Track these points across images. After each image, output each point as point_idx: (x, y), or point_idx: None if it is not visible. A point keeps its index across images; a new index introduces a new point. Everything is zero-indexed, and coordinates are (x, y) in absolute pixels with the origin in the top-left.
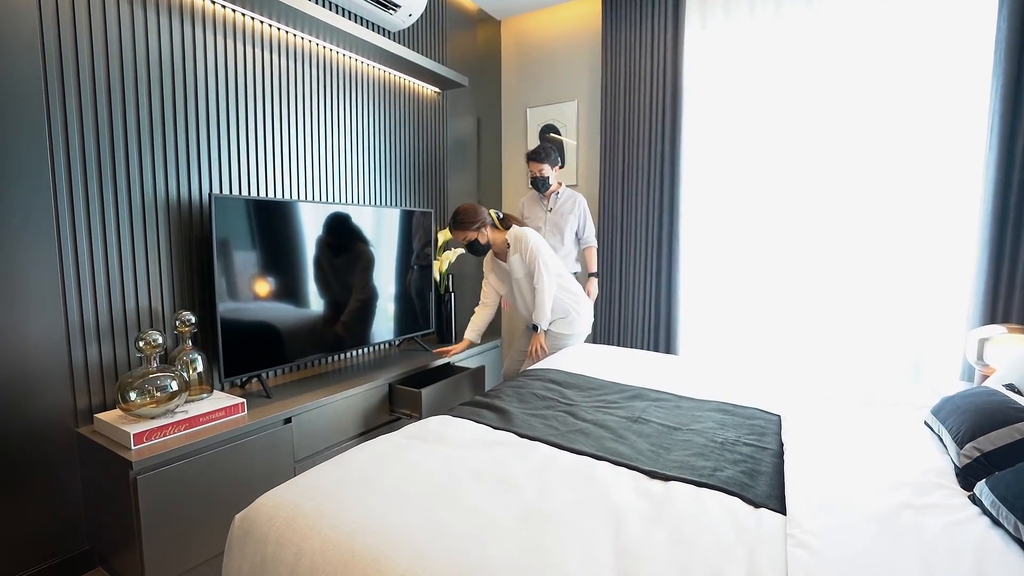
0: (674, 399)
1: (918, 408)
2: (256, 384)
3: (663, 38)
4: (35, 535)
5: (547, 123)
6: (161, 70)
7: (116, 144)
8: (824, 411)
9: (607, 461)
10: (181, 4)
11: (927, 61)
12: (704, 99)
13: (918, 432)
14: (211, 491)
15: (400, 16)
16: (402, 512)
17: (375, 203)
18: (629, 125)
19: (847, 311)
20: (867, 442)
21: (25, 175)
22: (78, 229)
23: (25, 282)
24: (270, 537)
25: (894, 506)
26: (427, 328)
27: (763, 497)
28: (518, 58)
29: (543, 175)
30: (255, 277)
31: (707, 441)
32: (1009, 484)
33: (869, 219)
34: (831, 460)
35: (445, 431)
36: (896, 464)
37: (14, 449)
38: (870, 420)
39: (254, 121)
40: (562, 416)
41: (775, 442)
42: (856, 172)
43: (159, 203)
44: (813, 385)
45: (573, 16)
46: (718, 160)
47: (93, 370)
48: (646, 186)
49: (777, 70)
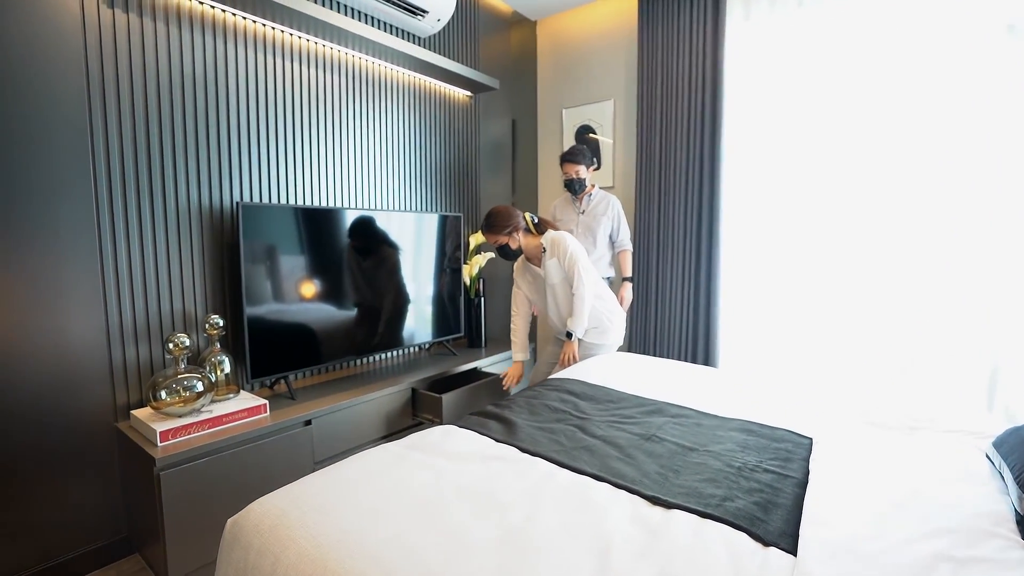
0: (696, 416)
1: (981, 437)
2: (283, 385)
3: (702, 31)
4: (80, 521)
5: (583, 123)
6: (195, 85)
7: (152, 157)
8: (864, 436)
9: (607, 483)
10: (214, 20)
11: (996, 53)
12: (747, 95)
13: (976, 467)
14: (231, 489)
15: (428, 21)
16: (380, 528)
17: (405, 208)
18: (667, 123)
19: (908, 321)
20: (910, 476)
21: (69, 188)
22: (117, 237)
23: (70, 287)
24: (253, 545)
25: (929, 557)
26: (457, 332)
27: (775, 534)
28: (554, 58)
29: (579, 176)
30: (281, 281)
31: (723, 465)
32: None
33: (938, 216)
34: (862, 495)
35: (445, 442)
36: (941, 505)
37: (61, 441)
38: (918, 449)
39: (285, 131)
40: (571, 431)
41: (801, 470)
42: (919, 169)
43: (192, 212)
44: (857, 405)
45: (609, 12)
46: (762, 160)
47: (131, 369)
48: (684, 187)
49: (828, 63)
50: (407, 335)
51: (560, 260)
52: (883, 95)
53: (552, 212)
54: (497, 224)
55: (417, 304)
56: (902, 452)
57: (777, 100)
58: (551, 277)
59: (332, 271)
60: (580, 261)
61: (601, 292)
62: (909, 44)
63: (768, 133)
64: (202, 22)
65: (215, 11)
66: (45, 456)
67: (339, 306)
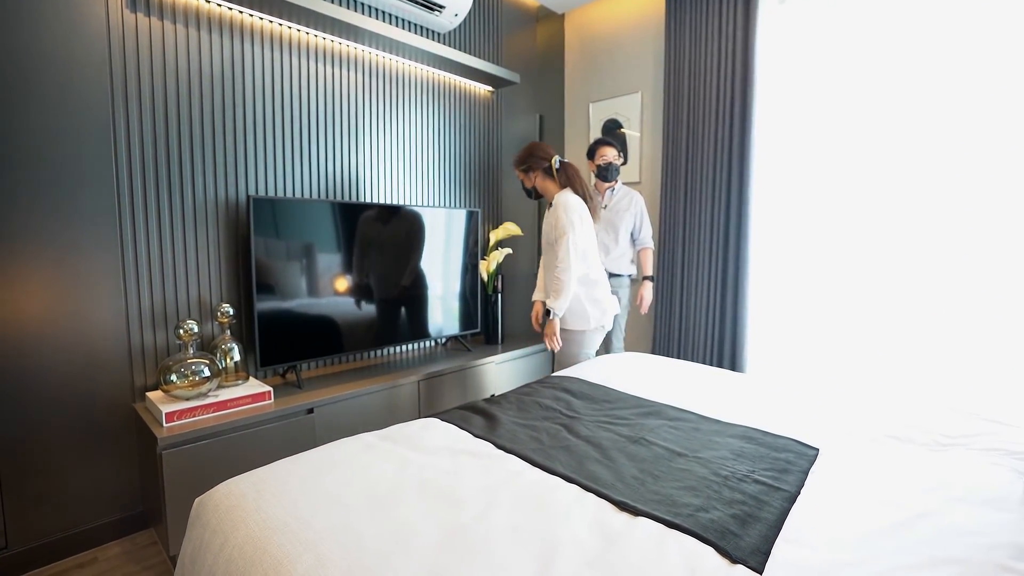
0: (696, 420)
1: (1021, 458)
2: (293, 374)
3: (733, 16)
4: (99, 494)
5: (610, 118)
6: (213, 84)
7: (172, 152)
8: (882, 450)
9: (577, 484)
10: (231, 21)
11: None
12: (779, 85)
13: (1008, 491)
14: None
15: (446, 17)
16: (327, 516)
17: (423, 203)
18: (694, 115)
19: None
20: (922, 495)
21: (93, 182)
22: (137, 229)
23: (93, 275)
24: (210, 524)
25: None
26: (474, 328)
27: (746, 551)
28: (581, 52)
29: (615, 161)
30: (292, 273)
31: (708, 473)
32: None
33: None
34: (858, 514)
35: (420, 434)
36: (952, 531)
37: (83, 419)
38: (943, 467)
39: (302, 127)
40: (555, 429)
41: (797, 482)
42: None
43: (209, 205)
44: (882, 416)
45: (637, 2)
46: (794, 155)
47: (148, 353)
48: (712, 182)
49: (870, 50)
50: (422, 329)
51: (553, 222)
52: (929, 86)
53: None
54: (517, 157)
55: (433, 298)
56: (922, 469)
57: (812, 90)
58: (544, 235)
59: (344, 264)
60: (569, 235)
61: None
62: (959, 31)
63: (802, 126)
64: (220, 23)
65: (233, 12)
66: (69, 433)
67: (350, 299)
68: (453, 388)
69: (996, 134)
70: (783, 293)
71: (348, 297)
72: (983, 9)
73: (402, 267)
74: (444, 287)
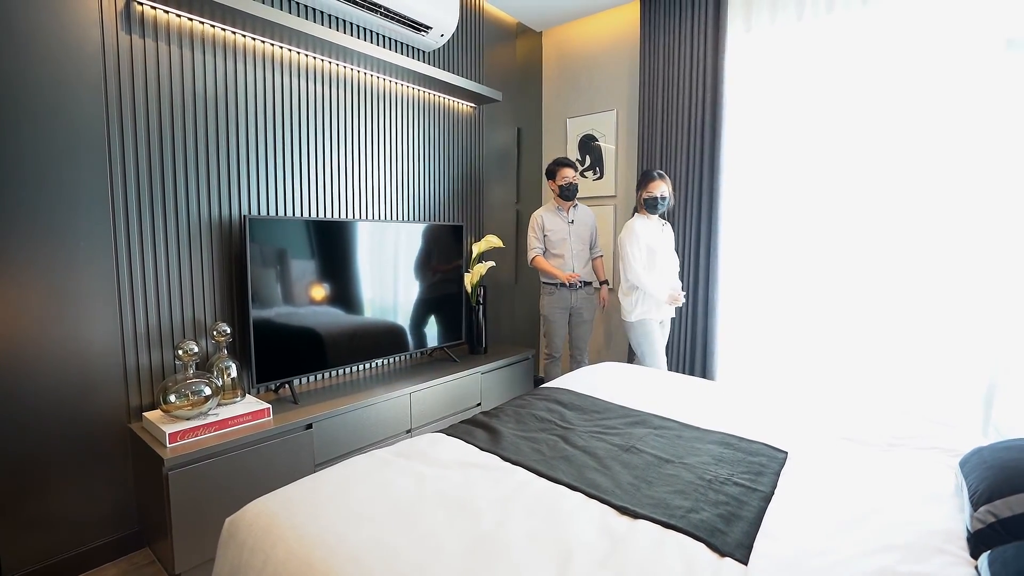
0: (678, 428)
1: (956, 455)
2: (287, 389)
3: (703, 42)
4: (95, 515)
5: (587, 132)
6: (206, 103)
7: (166, 172)
8: (839, 452)
9: (581, 492)
10: (224, 41)
11: (990, 66)
12: (746, 106)
13: (943, 486)
14: (235, 489)
15: (432, 37)
16: (362, 530)
17: (408, 218)
18: (667, 133)
19: (903, 335)
20: (875, 492)
21: (88, 202)
22: (132, 248)
23: (88, 295)
24: (247, 543)
25: (874, 572)
26: (458, 339)
27: (732, 546)
28: (558, 69)
29: (575, 182)
30: (286, 291)
31: (695, 477)
32: (1007, 561)
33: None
34: (823, 509)
35: (430, 450)
36: (898, 522)
37: (78, 440)
38: (891, 466)
39: (292, 145)
40: (553, 440)
41: (770, 484)
42: (916, 182)
43: (203, 224)
44: (839, 420)
45: (613, 23)
46: (761, 171)
47: (144, 373)
48: (683, 197)
49: (827, 74)
50: (409, 341)
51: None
52: (881, 108)
53: (539, 222)
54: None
55: (419, 311)
56: (874, 468)
57: (776, 111)
58: (668, 242)
59: (335, 281)
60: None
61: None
62: (907, 57)
63: (767, 144)
64: (213, 43)
65: (225, 33)
66: (64, 454)
67: (341, 314)
68: (442, 398)
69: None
70: (750, 303)
71: (340, 312)
72: (925, 41)
73: (391, 281)
74: (430, 299)
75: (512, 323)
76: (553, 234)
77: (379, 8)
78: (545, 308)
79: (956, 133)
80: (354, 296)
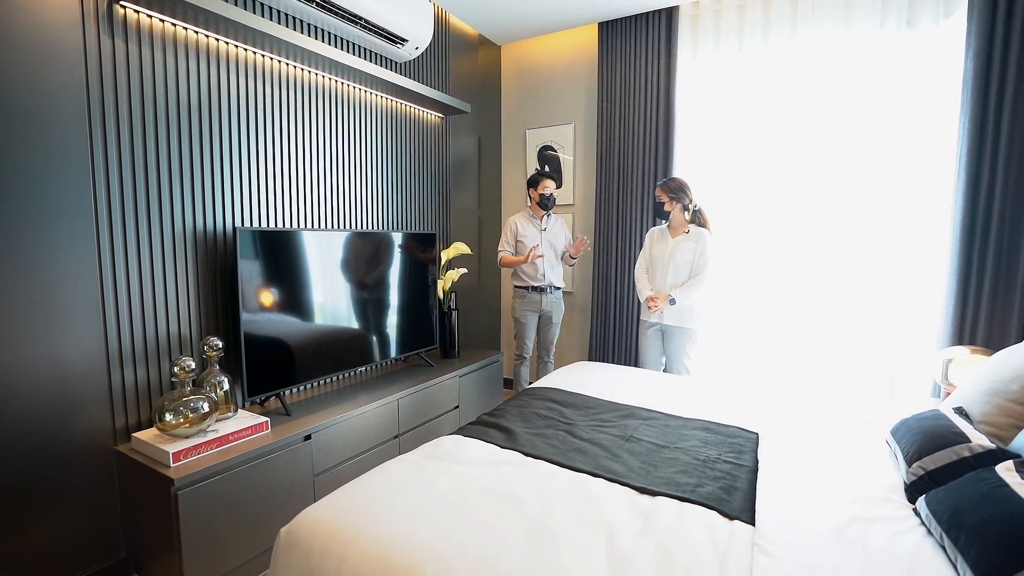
0: (663, 418)
1: (883, 427)
2: (274, 401)
3: (656, 66)
4: (76, 545)
5: (545, 144)
6: (190, 111)
7: (151, 182)
8: (798, 430)
9: (602, 478)
10: (208, 48)
11: (902, 94)
12: (695, 123)
13: (879, 450)
14: (241, 504)
15: (407, 49)
16: (425, 527)
17: (383, 227)
18: (624, 148)
19: (830, 333)
20: (833, 460)
21: (71, 214)
22: (117, 262)
23: (71, 311)
24: (314, 548)
25: (847, 519)
26: (431, 344)
27: (737, 511)
28: (517, 82)
29: (554, 193)
30: (273, 303)
31: (691, 459)
32: (940, 500)
33: (848, 243)
34: (799, 476)
35: (457, 451)
36: (854, 480)
37: (58, 465)
38: (839, 438)
39: (276, 156)
40: (562, 435)
41: (752, 459)
42: (837, 197)
43: (187, 236)
44: (792, 404)
45: (571, 43)
46: (707, 182)
47: (129, 392)
48: (640, 205)
49: (763, 96)
50: (391, 348)
51: (697, 249)
52: (807, 125)
53: (513, 229)
54: (671, 188)
55: (395, 318)
56: (828, 441)
57: (721, 126)
58: (681, 255)
59: (322, 291)
60: (710, 264)
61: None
62: (827, 83)
63: (713, 156)
64: (196, 50)
65: (209, 40)
66: (43, 482)
67: (328, 324)
68: (425, 402)
69: (851, 167)
70: None
71: (328, 322)
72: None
73: (370, 290)
74: (407, 306)
75: (476, 326)
76: (528, 240)
77: (359, 20)
78: (517, 311)
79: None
80: (341, 305)
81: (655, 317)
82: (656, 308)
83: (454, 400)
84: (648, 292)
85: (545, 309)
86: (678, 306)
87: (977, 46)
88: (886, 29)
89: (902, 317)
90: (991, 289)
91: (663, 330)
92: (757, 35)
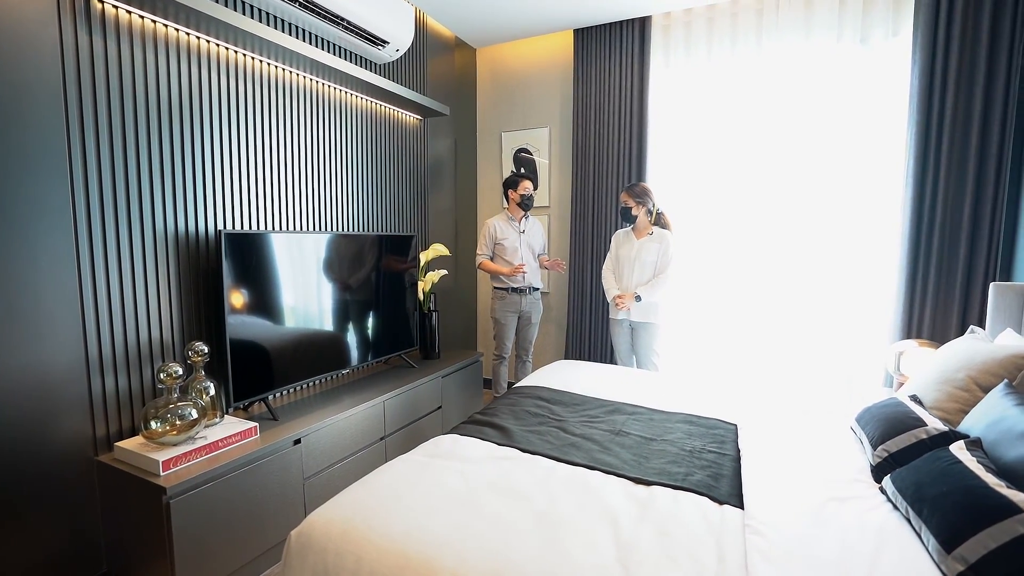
0: (648, 412)
1: (847, 416)
2: (259, 406)
3: (630, 73)
4: (55, 559)
5: (521, 147)
6: (171, 110)
7: (131, 183)
8: (773, 420)
9: (599, 471)
10: (188, 46)
11: (857, 104)
12: (667, 128)
13: (845, 436)
14: (232, 511)
15: (388, 51)
16: (438, 521)
17: (363, 229)
18: (599, 151)
19: (792, 328)
20: (806, 446)
21: (49, 217)
22: (96, 267)
23: (48, 316)
24: (329, 548)
25: (823, 500)
26: (412, 345)
27: (726, 496)
28: (493, 85)
29: (533, 194)
30: (257, 306)
31: (679, 450)
32: (904, 478)
33: (806, 245)
34: (778, 462)
35: (457, 449)
36: (826, 464)
37: (35, 477)
38: (809, 427)
39: (257, 157)
40: (555, 431)
41: (733, 448)
42: (797, 201)
43: (168, 239)
44: (765, 397)
45: (546, 48)
46: (678, 185)
47: (110, 400)
48: (616, 207)
49: (730, 103)
50: (369, 350)
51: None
52: (770, 129)
53: (491, 231)
54: (636, 193)
55: (377, 320)
56: (800, 429)
57: (691, 131)
58: (646, 255)
59: (307, 293)
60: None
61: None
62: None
63: (683, 160)
64: (177, 48)
65: (190, 37)
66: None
67: (313, 326)
68: (410, 403)
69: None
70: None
71: (313, 324)
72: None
73: (353, 292)
74: (388, 307)
75: (454, 327)
76: (507, 242)
77: (342, 21)
78: (496, 312)
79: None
80: (324, 308)
81: (623, 314)
82: (623, 306)
83: (437, 401)
84: (615, 291)
85: (524, 310)
86: (644, 303)
87: (922, 63)
88: (842, 44)
89: (856, 314)
90: (935, 287)
91: (632, 326)
92: (725, 45)
